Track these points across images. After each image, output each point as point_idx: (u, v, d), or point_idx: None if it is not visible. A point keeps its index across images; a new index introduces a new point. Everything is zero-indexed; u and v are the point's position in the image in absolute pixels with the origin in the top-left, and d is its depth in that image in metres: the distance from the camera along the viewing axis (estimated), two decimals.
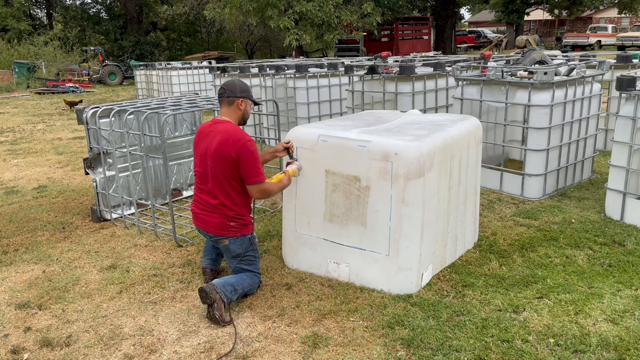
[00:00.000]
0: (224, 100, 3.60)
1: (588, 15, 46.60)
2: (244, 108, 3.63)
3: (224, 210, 3.54)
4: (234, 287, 3.51)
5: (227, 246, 3.62)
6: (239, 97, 3.59)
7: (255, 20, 19.49)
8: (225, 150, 3.42)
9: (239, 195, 3.56)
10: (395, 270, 3.66)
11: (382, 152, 3.56)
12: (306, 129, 4.03)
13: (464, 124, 4.17)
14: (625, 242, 4.46)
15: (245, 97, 3.62)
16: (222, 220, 3.56)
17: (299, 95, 8.35)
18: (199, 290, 3.41)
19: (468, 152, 4.14)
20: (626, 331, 3.16)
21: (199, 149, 3.64)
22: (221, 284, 3.47)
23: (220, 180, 3.49)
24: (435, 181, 3.70)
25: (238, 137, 3.44)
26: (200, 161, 3.62)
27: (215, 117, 3.71)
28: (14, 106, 16.69)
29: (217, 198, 3.53)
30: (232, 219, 3.57)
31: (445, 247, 4.03)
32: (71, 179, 7.36)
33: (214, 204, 3.55)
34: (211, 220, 3.59)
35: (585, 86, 5.93)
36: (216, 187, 3.52)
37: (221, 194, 3.52)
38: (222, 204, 3.53)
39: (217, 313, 3.34)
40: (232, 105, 3.60)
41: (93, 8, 35.48)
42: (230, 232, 3.59)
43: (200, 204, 3.64)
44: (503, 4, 34.72)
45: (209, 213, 3.58)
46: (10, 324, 3.54)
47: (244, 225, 3.63)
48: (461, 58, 9.26)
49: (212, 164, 3.49)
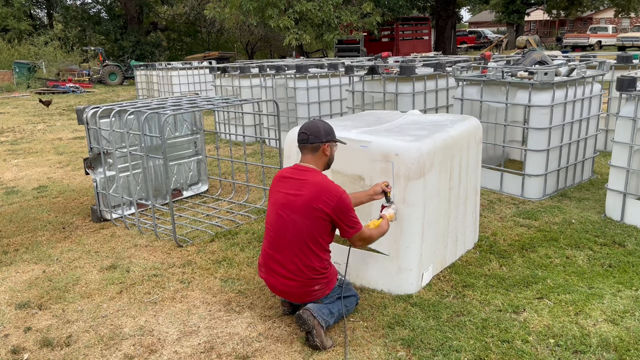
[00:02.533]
0: (308, 146, 3.23)
1: (588, 16, 46.60)
2: (329, 153, 3.29)
3: (305, 272, 3.15)
4: (329, 309, 3.23)
5: None
6: (325, 142, 3.23)
7: (256, 19, 19.50)
8: (318, 206, 3.09)
9: (322, 250, 3.21)
10: (396, 270, 3.66)
11: (382, 153, 3.56)
12: None
13: (464, 124, 4.17)
14: (625, 242, 4.46)
15: (331, 140, 3.28)
16: (304, 288, 3.19)
17: (299, 95, 8.36)
18: (296, 316, 3.13)
19: (468, 153, 4.14)
20: (626, 332, 3.15)
21: (276, 197, 3.27)
22: (317, 308, 3.17)
23: (303, 236, 3.13)
24: (435, 181, 3.70)
25: (332, 192, 3.12)
26: (277, 210, 3.23)
27: (297, 164, 3.32)
28: (14, 106, 16.69)
29: (297, 256, 3.14)
30: (315, 282, 3.19)
31: (446, 247, 4.03)
32: (71, 179, 7.36)
33: (292, 269, 3.16)
34: (291, 291, 3.24)
35: (586, 87, 5.93)
36: (295, 244, 3.14)
37: (302, 252, 3.14)
38: (303, 264, 3.14)
39: (317, 340, 3.07)
40: (317, 151, 3.23)
41: (93, 8, 35.52)
42: (317, 295, 3.23)
43: (274, 269, 3.24)
44: (503, 4, 34.72)
45: (286, 281, 3.20)
46: (11, 324, 3.54)
47: (329, 281, 3.26)
48: (461, 58, 9.26)
49: (298, 218, 3.13)
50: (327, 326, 3.20)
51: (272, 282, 3.29)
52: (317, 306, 3.19)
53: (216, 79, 10.41)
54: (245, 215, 5.53)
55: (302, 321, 3.10)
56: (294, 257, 3.15)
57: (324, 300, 3.26)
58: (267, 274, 3.30)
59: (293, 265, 3.16)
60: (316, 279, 3.18)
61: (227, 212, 5.70)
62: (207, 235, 4.95)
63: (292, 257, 3.16)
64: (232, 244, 4.69)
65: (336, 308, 3.28)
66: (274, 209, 3.27)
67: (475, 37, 42.99)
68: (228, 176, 7.04)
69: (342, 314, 3.31)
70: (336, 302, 3.30)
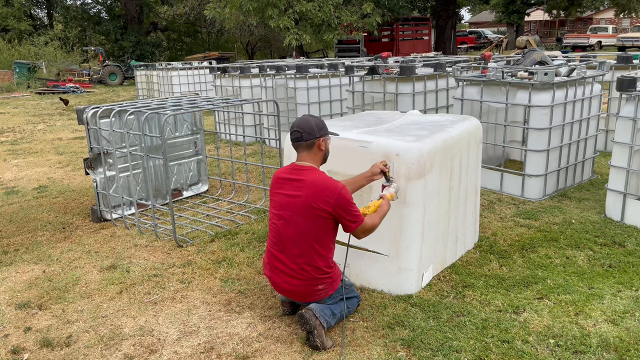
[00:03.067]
0: (302, 144, 3.19)
1: (588, 16, 46.62)
2: (324, 147, 3.25)
3: (310, 272, 3.15)
4: (331, 310, 3.22)
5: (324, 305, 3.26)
6: (319, 136, 3.19)
7: (256, 20, 19.51)
8: (318, 205, 3.08)
9: (326, 249, 3.20)
10: (396, 270, 3.66)
11: (383, 153, 3.56)
12: None
13: (464, 125, 4.17)
14: (625, 242, 4.46)
15: (324, 135, 3.23)
16: (308, 287, 3.18)
17: (299, 95, 8.36)
18: (298, 316, 3.13)
19: (468, 153, 4.14)
20: (626, 332, 3.15)
21: (276, 199, 3.26)
22: (320, 308, 3.17)
23: (307, 236, 3.12)
24: (436, 181, 3.70)
25: (331, 188, 3.08)
26: (278, 212, 3.23)
27: (293, 163, 3.27)
28: (15, 106, 16.70)
29: (301, 257, 3.13)
30: (319, 281, 3.18)
31: (446, 247, 4.03)
32: (71, 179, 7.36)
33: (296, 268, 3.15)
34: (295, 290, 3.22)
35: (586, 87, 5.93)
36: (299, 244, 3.13)
37: (306, 252, 3.13)
38: (307, 263, 3.13)
39: (318, 340, 3.07)
40: (313, 147, 3.19)
41: (93, 8, 35.53)
42: (320, 295, 3.22)
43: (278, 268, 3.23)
44: (503, 4, 34.74)
45: (290, 279, 3.19)
46: (10, 324, 3.53)
47: (333, 281, 3.25)
48: (461, 58, 9.26)
49: (300, 219, 3.12)
50: (328, 327, 3.20)
51: (276, 280, 3.28)
52: (320, 306, 3.19)
53: (216, 79, 10.41)
54: (245, 215, 5.53)
55: (304, 321, 3.09)
56: (297, 257, 3.15)
57: (327, 301, 3.25)
58: (271, 272, 3.29)
59: (296, 265, 3.15)
60: (320, 278, 3.18)
61: (227, 212, 5.70)
62: (207, 236, 4.95)
63: (295, 258, 3.15)
64: (232, 244, 4.69)
65: (338, 309, 3.27)
66: (276, 211, 3.26)
67: (475, 38, 43.01)
68: (228, 176, 7.04)
69: (343, 315, 3.31)
70: (339, 303, 3.29)
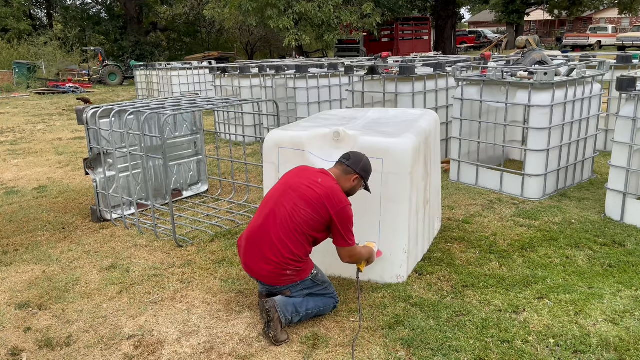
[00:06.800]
0: (344, 165, 3.38)
1: (588, 16, 46.59)
2: (355, 184, 3.40)
3: (283, 254, 3.18)
4: (296, 308, 3.27)
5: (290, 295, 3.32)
6: (357, 174, 3.37)
7: (255, 20, 19.52)
8: (323, 204, 3.19)
9: (307, 243, 3.26)
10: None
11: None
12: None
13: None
14: (625, 242, 4.46)
15: (362, 178, 3.40)
16: (276, 270, 3.22)
17: (299, 95, 8.36)
18: (260, 303, 3.22)
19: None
20: (626, 332, 3.15)
21: (287, 179, 3.38)
22: (283, 303, 3.23)
23: (297, 220, 3.18)
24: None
25: (341, 199, 3.24)
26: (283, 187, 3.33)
27: (324, 168, 3.45)
28: (14, 106, 16.70)
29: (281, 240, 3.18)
30: (288, 266, 3.22)
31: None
32: (71, 179, 7.36)
33: (274, 250, 3.19)
34: (262, 273, 3.27)
35: (586, 86, 5.93)
36: (287, 225, 3.19)
37: (287, 236, 3.18)
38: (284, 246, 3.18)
39: (271, 332, 3.17)
40: (347, 175, 3.37)
41: (93, 8, 35.56)
42: (286, 280, 3.27)
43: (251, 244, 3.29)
44: (503, 4, 34.74)
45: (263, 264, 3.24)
46: (10, 324, 3.53)
47: (302, 271, 3.29)
48: (461, 58, 9.26)
49: (301, 203, 3.20)
50: (287, 323, 3.25)
51: (247, 262, 3.33)
52: (284, 301, 3.25)
53: (216, 79, 10.41)
54: (245, 215, 5.53)
55: (264, 310, 3.19)
56: (277, 239, 3.19)
57: (292, 290, 3.30)
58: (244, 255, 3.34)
59: (274, 247, 3.19)
60: (291, 263, 3.22)
61: (227, 212, 5.70)
62: (207, 236, 4.95)
63: (276, 237, 3.19)
64: (232, 244, 4.69)
65: (304, 307, 3.31)
66: (280, 185, 3.37)
67: (475, 37, 43.00)
68: (228, 176, 7.04)
69: (310, 314, 3.36)
70: (304, 300, 3.33)
